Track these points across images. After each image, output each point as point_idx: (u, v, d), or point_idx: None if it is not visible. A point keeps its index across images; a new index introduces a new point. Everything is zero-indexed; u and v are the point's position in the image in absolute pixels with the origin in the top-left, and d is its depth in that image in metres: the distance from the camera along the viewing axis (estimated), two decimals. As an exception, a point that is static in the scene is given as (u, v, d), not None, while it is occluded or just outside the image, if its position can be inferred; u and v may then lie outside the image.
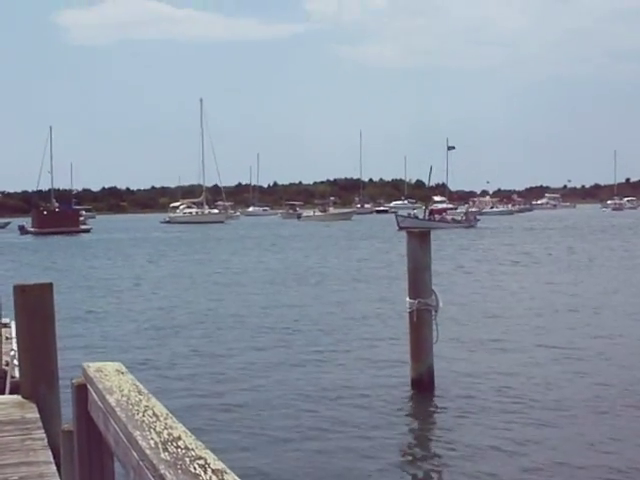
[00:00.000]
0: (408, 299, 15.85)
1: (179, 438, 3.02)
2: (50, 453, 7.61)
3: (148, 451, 2.92)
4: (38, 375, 9.32)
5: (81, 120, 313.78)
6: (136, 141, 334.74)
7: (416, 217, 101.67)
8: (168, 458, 2.82)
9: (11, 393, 10.20)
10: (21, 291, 9.50)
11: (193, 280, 42.23)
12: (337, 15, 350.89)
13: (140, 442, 3.02)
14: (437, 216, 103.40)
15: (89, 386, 4.26)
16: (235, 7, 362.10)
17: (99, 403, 3.93)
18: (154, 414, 3.34)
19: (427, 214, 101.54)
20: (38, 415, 8.78)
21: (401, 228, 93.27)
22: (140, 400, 3.59)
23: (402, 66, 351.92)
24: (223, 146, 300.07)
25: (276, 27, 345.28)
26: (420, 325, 15.75)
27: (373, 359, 19.98)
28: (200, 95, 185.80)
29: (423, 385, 16.15)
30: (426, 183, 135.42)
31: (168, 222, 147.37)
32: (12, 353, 10.77)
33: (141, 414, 3.35)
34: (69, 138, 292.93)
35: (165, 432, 3.08)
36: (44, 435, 8.09)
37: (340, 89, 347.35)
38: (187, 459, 2.79)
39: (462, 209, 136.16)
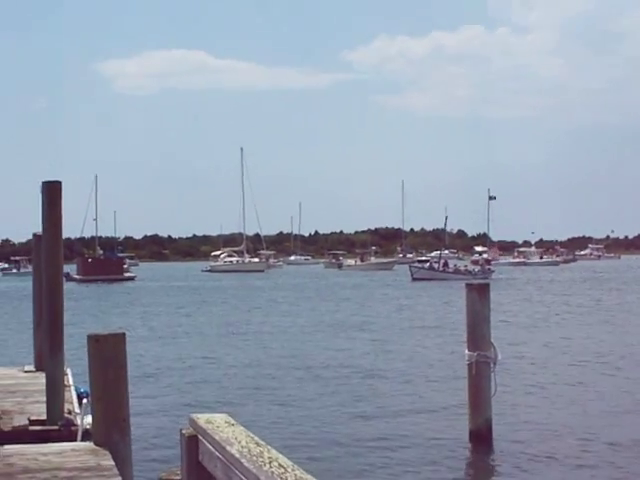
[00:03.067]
0: (467, 351, 15.90)
1: (313, 489, 3.12)
2: (130, 500, 7.74)
3: (288, 501, 3.02)
4: (111, 423, 9.46)
5: (123, 168, 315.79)
6: (178, 189, 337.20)
7: (432, 268, 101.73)
8: (310, 508, 2.92)
9: (82, 440, 10.32)
10: (95, 341, 9.67)
11: (238, 328, 42.54)
12: (378, 64, 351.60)
13: (277, 492, 3.13)
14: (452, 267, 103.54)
15: (200, 437, 4.37)
16: (276, 57, 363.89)
17: (217, 454, 4.04)
18: (280, 465, 3.44)
19: (441, 265, 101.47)
20: (113, 462, 8.91)
21: (415, 279, 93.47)
22: (261, 452, 3.69)
23: (443, 115, 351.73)
24: (265, 195, 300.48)
25: (317, 77, 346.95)
26: (479, 377, 15.78)
27: (429, 410, 20.04)
28: (241, 144, 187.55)
29: (481, 438, 16.12)
30: (446, 231, 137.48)
31: (209, 271, 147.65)
32: (85, 401, 10.86)
33: (268, 465, 3.45)
34: (111, 186, 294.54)
35: (298, 483, 3.19)
36: (122, 482, 8.21)
37: (382, 138, 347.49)
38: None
39: (508, 259, 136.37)
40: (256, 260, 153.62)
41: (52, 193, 12.17)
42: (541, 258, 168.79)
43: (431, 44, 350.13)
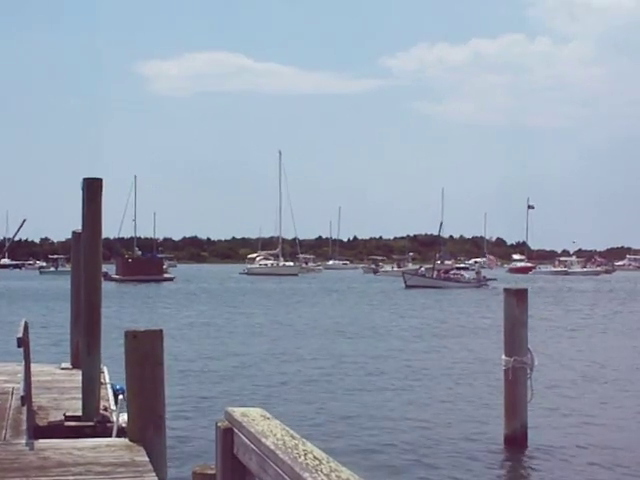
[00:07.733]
0: (504, 356, 15.85)
1: (348, 480, 3.11)
2: (164, 496, 7.76)
3: (323, 492, 3.00)
4: (146, 419, 9.50)
5: (162, 170, 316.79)
6: (218, 191, 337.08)
7: (423, 275, 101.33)
8: (345, 499, 2.91)
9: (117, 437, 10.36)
10: (132, 337, 9.72)
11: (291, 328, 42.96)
12: (417, 71, 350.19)
13: (312, 484, 3.12)
14: (444, 275, 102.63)
15: (236, 430, 4.38)
16: (316, 61, 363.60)
17: (252, 446, 4.04)
18: (315, 457, 3.44)
19: (435, 273, 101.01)
20: (147, 458, 8.93)
21: (408, 286, 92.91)
22: (296, 444, 3.69)
23: (483, 123, 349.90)
24: (304, 199, 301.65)
25: (356, 82, 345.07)
26: (515, 383, 15.73)
27: (464, 414, 20.00)
28: (280, 147, 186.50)
29: (516, 443, 16.05)
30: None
31: (246, 273, 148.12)
32: (121, 398, 10.91)
33: (303, 457, 3.45)
34: (151, 187, 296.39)
35: (333, 474, 3.18)
36: (156, 478, 8.23)
37: (421, 144, 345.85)
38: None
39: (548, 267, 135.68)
40: (290, 264, 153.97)
41: (93, 190, 12.20)
42: (584, 267, 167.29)
43: (471, 52, 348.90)
